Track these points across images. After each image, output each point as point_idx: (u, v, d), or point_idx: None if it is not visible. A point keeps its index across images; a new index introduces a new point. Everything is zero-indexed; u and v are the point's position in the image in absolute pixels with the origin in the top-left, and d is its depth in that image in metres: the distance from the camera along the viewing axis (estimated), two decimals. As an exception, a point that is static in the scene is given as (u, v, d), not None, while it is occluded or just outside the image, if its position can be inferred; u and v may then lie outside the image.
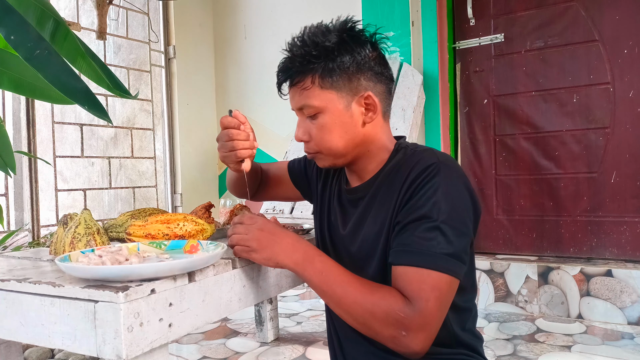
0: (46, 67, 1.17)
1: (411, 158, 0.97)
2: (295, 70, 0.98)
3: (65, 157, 3.05)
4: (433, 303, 0.83)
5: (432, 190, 0.88)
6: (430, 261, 0.84)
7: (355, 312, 0.86)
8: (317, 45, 0.96)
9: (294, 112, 1.04)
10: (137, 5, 3.43)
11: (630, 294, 2.21)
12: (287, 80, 1.01)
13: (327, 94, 0.97)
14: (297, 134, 1.03)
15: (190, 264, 0.82)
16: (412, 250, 0.86)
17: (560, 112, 2.63)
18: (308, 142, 1.02)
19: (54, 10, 1.39)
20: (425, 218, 0.87)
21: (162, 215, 1.07)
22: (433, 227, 0.86)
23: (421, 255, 0.85)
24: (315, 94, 0.97)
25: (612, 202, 2.50)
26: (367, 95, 0.98)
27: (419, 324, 0.82)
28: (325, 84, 0.96)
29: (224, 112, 3.79)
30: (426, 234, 0.86)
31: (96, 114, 1.24)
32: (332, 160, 1.02)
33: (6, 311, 0.84)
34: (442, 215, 0.86)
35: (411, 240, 0.87)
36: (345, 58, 0.96)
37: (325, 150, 1.00)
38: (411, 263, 0.86)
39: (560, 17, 2.62)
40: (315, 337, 2.17)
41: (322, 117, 0.98)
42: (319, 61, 0.96)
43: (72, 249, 0.98)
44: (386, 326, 0.83)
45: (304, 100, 0.98)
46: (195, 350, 2.05)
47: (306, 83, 0.97)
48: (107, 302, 0.73)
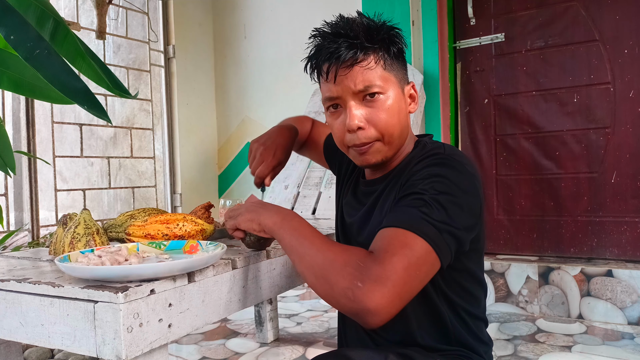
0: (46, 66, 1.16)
1: (420, 152, 0.96)
2: (361, 47, 0.92)
3: (65, 157, 3.05)
4: (398, 259, 0.75)
5: (427, 173, 0.87)
6: (408, 222, 0.80)
7: (315, 264, 0.81)
8: (381, 27, 0.95)
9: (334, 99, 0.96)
10: (137, 5, 3.43)
11: (630, 294, 2.20)
12: (348, 59, 0.91)
13: (390, 76, 0.95)
14: (352, 122, 0.93)
15: (190, 265, 0.82)
16: (394, 215, 0.83)
17: (560, 112, 2.63)
18: (365, 129, 0.93)
19: (53, 10, 1.39)
20: (414, 194, 0.84)
21: (162, 215, 1.06)
22: (420, 199, 0.82)
23: (400, 217, 0.81)
24: (380, 74, 0.93)
25: (613, 202, 2.50)
26: (412, 85, 1.00)
27: (378, 274, 0.74)
28: (387, 66, 0.94)
29: (224, 111, 3.79)
30: (411, 202, 0.83)
31: (96, 114, 1.23)
32: (387, 152, 0.96)
33: (6, 311, 0.84)
34: (432, 193, 0.82)
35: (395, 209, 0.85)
36: (401, 45, 0.97)
37: (387, 135, 0.94)
38: (388, 224, 0.82)
39: (561, 16, 2.62)
40: (315, 337, 2.17)
41: (386, 99, 0.93)
42: (382, 43, 0.94)
43: (72, 249, 0.98)
44: (342, 276, 0.77)
45: (368, 80, 0.92)
46: (195, 350, 2.05)
47: (370, 62, 0.93)
48: (107, 303, 0.73)
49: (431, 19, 2.86)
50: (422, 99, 2.78)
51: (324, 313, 2.53)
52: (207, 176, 3.76)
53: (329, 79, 0.94)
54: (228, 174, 3.78)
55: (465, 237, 0.85)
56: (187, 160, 3.59)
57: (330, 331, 2.24)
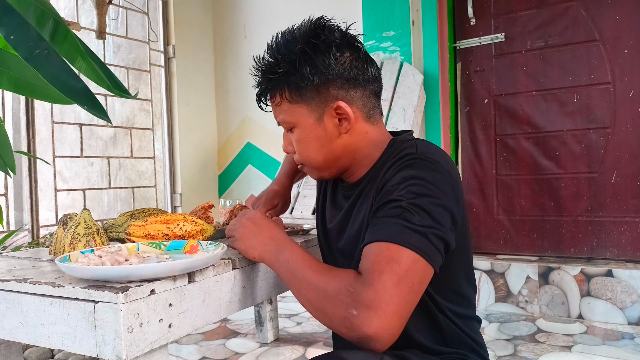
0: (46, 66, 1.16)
1: (392, 152, 0.93)
2: (264, 87, 0.98)
3: (65, 157, 3.05)
4: (387, 276, 0.73)
5: (401, 177, 0.84)
6: (390, 235, 0.77)
7: (310, 296, 0.80)
8: (280, 59, 0.94)
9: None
10: (137, 5, 3.43)
11: (630, 294, 2.20)
12: (262, 97, 1.01)
13: (297, 108, 0.95)
14: (283, 146, 1.03)
15: (190, 265, 0.82)
16: (374, 229, 0.81)
17: (560, 111, 2.63)
18: (294, 153, 1.01)
19: (53, 10, 1.39)
20: (391, 202, 0.82)
21: (162, 215, 1.06)
22: (398, 206, 0.80)
23: (381, 231, 0.79)
24: (286, 109, 0.96)
25: (613, 202, 2.50)
26: (336, 106, 0.93)
27: (370, 299, 0.72)
28: (294, 98, 0.94)
29: (224, 111, 3.79)
30: (390, 212, 0.81)
31: (95, 114, 1.23)
32: (318, 172, 1.02)
33: (6, 311, 0.84)
34: (409, 197, 0.80)
35: (375, 222, 0.83)
36: (306, 70, 0.91)
37: (307, 162, 1.00)
38: (370, 240, 0.80)
39: (561, 16, 2.62)
40: (315, 337, 2.17)
41: (297, 132, 0.97)
42: (283, 76, 0.93)
43: (72, 249, 0.98)
44: (336, 307, 0.75)
45: (278, 115, 0.98)
46: (195, 350, 2.04)
47: (277, 99, 0.97)
48: (107, 303, 0.73)
49: (431, 18, 2.87)
50: (422, 99, 2.78)
51: (324, 313, 2.53)
52: (207, 176, 3.76)
53: (265, 109, 1.04)
54: (228, 174, 3.78)
55: (452, 236, 0.83)
56: (187, 160, 3.59)
57: (330, 331, 2.24)
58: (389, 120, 2.59)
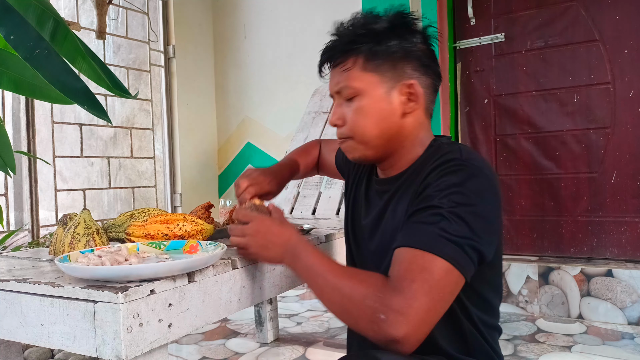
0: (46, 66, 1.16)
1: (436, 153, 0.92)
2: (338, 50, 0.95)
3: (65, 157, 3.05)
4: (419, 285, 0.73)
5: (445, 184, 0.82)
6: (425, 242, 0.77)
7: (335, 299, 0.80)
8: (365, 26, 0.94)
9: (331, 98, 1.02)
10: (137, 5, 3.43)
11: (630, 294, 2.20)
12: (330, 60, 0.98)
13: (369, 76, 0.93)
14: (331, 118, 0.99)
15: (190, 265, 0.82)
16: (409, 233, 0.80)
17: (560, 112, 2.63)
18: (340, 127, 0.97)
19: (53, 10, 1.39)
20: (432, 207, 0.81)
21: (162, 215, 1.06)
22: (437, 214, 0.79)
23: (416, 237, 0.78)
24: (356, 76, 0.93)
25: (613, 202, 2.50)
26: (410, 84, 0.93)
27: (399, 305, 0.72)
28: (368, 67, 0.93)
29: (224, 111, 3.79)
30: (428, 219, 0.80)
31: (95, 114, 1.23)
32: (363, 150, 0.97)
33: (6, 311, 0.84)
34: (449, 205, 0.79)
35: (411, 225, 0.82)
36: (392, 42, 0.93)
37: (358, 136, 0.95)
38: (404, 244, 0.79)
39: (561, 16, 2.62)
40: (315, 337, 2.17)
41: (360, 100, 0.94)
42: (364, 42, 0.93)
43: (72, 249, 0.98)
44: (364, 310, 0.75)
45: (343, 81, 0.94)
46: (194, 350, 2.04)
47: (347, 64, 0.94)
48: (107, 303, 0.73)
49: (431, 18, 2.86)
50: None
51: (324, 313, 2.53)
52: (207, 176, 3.76)
53: (322, 76, 1.01)
54: (228, 174, 3.78)
55: (489, 248, 0.83)
56: (187, 160, 3.59)
57: (330, 331, 2.24)
58: (389, 120, 2.59)
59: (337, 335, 2.18)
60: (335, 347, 2.03)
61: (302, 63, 3.36)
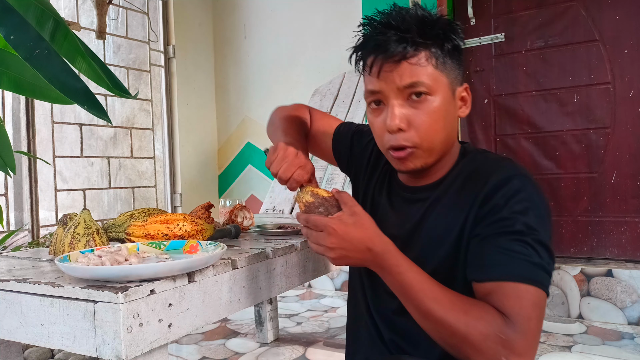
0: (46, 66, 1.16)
1: (487, 165, 0.88)
2: (412, 42, 0.84)
3: (65, 157, 3.05)
4: (535, 323, 0.73)
5: (519, 205, 0.80)
6: (528, 275, 0.75)
7: (444, 334, 0.76)
8: (436, 20, 0.86)
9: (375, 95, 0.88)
10: (137, 5, 3.43)
11: (630, 294, 2.20)
12: (396, 53, 0.84)
13: (440, 76, 0.85)
14: (393, 121, 0.85)
15: (190, 265, 0.82)
16: (506, 263, 0.77)
17: (560, 111, 2.63)
18: (406, 131, 0.85)
19: (53, 10, 1.39)
20: (516, 233, 0.78)
21: (162, 215, 1.06)
22: (524, 242, 0.78)
23: (518, 269, 0.76)
24: (429, 73, 0.84)
25: (613, 202, 2.50)
26: (466, 86, 0.90)
27: (524, 347, 0.72)
28: (439, 65, 0.85)
29: (224, 111, 3.79)
30: (519, 248, 0.78)
31: (95, 114, 1.23)
32: (426, 159, 0.88)
33: (6, 311, 0.84)
34: (532, 231, 0.78)
35: (502, 254, 0.78)
36: (457, 42, 0.88)
37: (427, 142, 0.86)
38: (506, 277, 0.76)
39: (561, 16, 2.62)
40: (315, 337, 2.17)
41: (431, 102, 0.85)
42: (437, 38, 0.85)
43: (72, 249, 0.98)
44: (484, 350, 0.72)
45: (416, 77, 0.84)
46: (194, 350, 2.04)
47: (420, 58, 0.84)
48: (107, 303, 0.73)
49: (431, 19, 2.86)
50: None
51: (324, 313, 2.53)
52: (207, 176, 3.76)
53: (372, 72, 0.87)
54: (228, 174, 3.78)
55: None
56: (187, 160, 3.59)
57: (330, 331, 2.24)
58: (389, 120, 2.59)
59: (337, 335, 2.18)
60: (335, 347, 2.03)
61: (302, 63, 3.36)
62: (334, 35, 3.14)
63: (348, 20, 3.03)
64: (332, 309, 2.61)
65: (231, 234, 1.31)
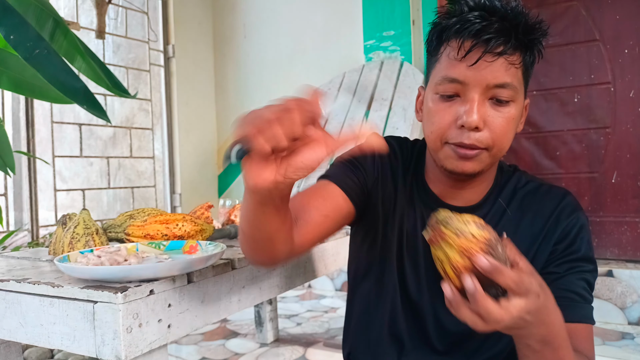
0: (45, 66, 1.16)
1: (546, 190, 0.89)
2: (517, 38, 0.77)
3: (64, 157, 3.05)
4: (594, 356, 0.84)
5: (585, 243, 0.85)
6: (590, 314, 0.85)
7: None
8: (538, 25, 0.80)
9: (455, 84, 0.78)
10: (136, 5, 3.43)
11: (630, 294, 2.20)
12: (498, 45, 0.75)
13: (522, 83, 0.80)
14: (473, 117, 0.75)
15: (189, 265, 0.82)
16: (581, 304, 0.84)
17: (561, 111, 2.63)
18: (482, 131, 0.78)
19: (53, 9, 1.39)
20: (582, 261, 0.85)
21: (161, 215, 1.06)
22: (586, 280, 0.85)
23: (586, 309, 0.84)
24: (519, 78, 0.79)
25: (613, 202, 2.50)
26: (528, 102, 0.87)
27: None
28: (525, 72, 0.81)
29: (224, 111, 3.79)
30: (584, 284, 0.85)
31: (95, 114, 1.23)
32: (489, 164, 0.81)
33: (5, 311, 0.84)
34: (591, 264, 0.85)
35: (574, 294, 0.84)
36: (539, 54, 0.82)
37: (497, 147, 0.79)
38: (583, 319, 0.84)
39: (561, 16, 2.62)
40: (315, 338, 2.17)
41: (512, 107, 0.79)
42: (536, 42, 0.80)
43: (71, 249, 0.98)
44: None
45: (509, 77, 0.77)
46: (194, 351, 2.04)
47: (516, 60, 0.77)
48: (106, 303, 0.73)
49: (431, 18, 2.85)
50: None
51: (324, 314, 2.53)
52: (206, 176, 3.76)
53: (466, 58, 0.76)
54: (228, 174, 3.78)
55: None
56: (186, 160, 3.58)
57: (331, 332, 2.23)
58: (389, 120, 2.59)
59: (337, 335, 2.18)
60: (335, 347, 2.02)
61: (302, 63, 3.36)
62: (334, 35, 3.13)
63: (348, 20, 3.03)
64: (332, 309, 2.61)
65: (231, 234, 1.31)
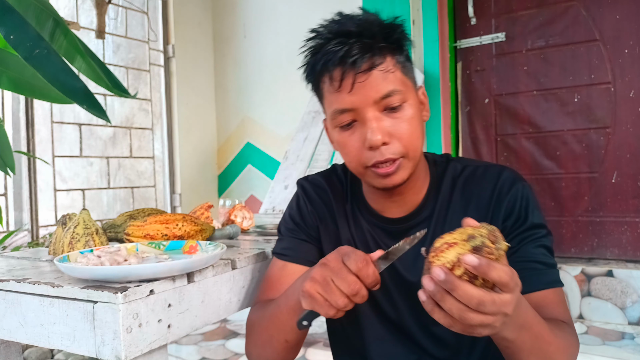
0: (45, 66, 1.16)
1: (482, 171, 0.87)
2: (378, 48, 0.77)
3: (64, 157, 3.05)
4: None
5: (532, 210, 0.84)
6: (557, 278, 0.84)
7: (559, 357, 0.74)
8: (395, 24, 0.82)
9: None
10: (136, 4, 3.43)
11: (631, 294, 2.20)
12: (365, 63, 0.76)
13: (406, 79, 0.81)
14: (374, 136, 0.77)
15: (189, 265, 0.82)
16: (544, 271, 0.82)
17: (561, 111, 2.63)
18: (389, 144, 0.78)
19: (53, 9, 1.39)
20: (534, 229, 0.83)
21: (161, 215, 1.06)
22: (544, 246, 0.84)
23: (551, 275, 0.83)
24: (400, 79, 0.79)
25: (613, 202, 2.50)
26: (423, 89, 0.85)
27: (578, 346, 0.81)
28: (405, 69, 0.81)
29: (223, 111, 3.79)
30: (542, 250, 0.83)
31: (95, 114, 1.23)
32: (411, 168, 0.81)
33: (5, 311, 0.84)
34: (543, 229, 0.83)
35: (535, 262, 0.82)
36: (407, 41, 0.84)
37: (412, 150, 0.79)
38: (550, 285, 0.83)
39: (561, 16, 2.62)
40: (315, 338, 2.17)
41: (407, 108, 0.79)
42: (399, 40, 0.81)
43: (71, 249, 0.98)
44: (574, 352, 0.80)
45: (390, 85, 0.77)
46: (194, 351, 2.04)
47: (388, 64, 0.78)
48: (106, 303, 0.73)
49: (432, 18, 2.86)
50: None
51: (324, 313, 2.52)
52: (206, 176, 3.76)
53: (342, 87, 0.77)
54: (227, 174, 3.78)
55: None
56: (186, 160, 3.58)
57: (330, 331, 2.23)
58: (389, 120, 2.58)
59: (337, 335, 2.18)
60: (335, 347, 2.02)
61: (302, 63, 3.36)
62: (334, 35, 3.13)
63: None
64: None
65: (230, 234, 1.31)
